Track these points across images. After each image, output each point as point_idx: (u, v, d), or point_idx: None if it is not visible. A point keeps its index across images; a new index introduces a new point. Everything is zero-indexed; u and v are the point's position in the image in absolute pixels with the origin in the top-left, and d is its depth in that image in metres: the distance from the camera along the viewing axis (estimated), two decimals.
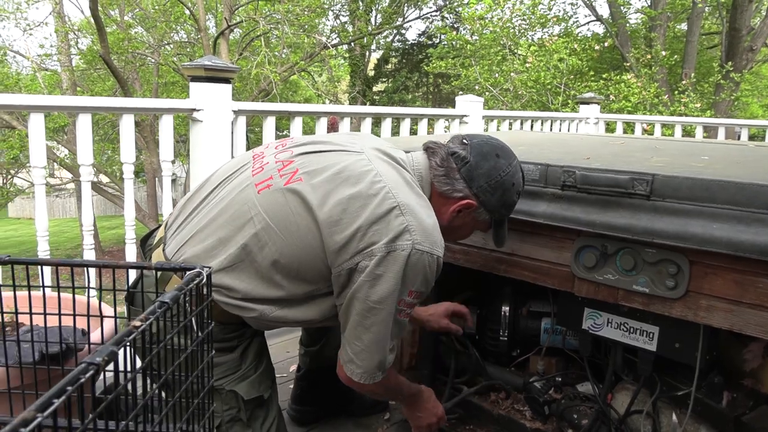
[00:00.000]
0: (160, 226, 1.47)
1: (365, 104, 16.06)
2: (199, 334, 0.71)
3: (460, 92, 8.87)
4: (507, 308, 1.93)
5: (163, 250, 1.33)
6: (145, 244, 1.48)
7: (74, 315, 1.09)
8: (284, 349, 2.48)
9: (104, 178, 13.72)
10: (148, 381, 0.82)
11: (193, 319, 0.70)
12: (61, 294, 1.36)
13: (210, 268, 0.73)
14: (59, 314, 1.13)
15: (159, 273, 1.26)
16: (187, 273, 0.68)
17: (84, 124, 2.11)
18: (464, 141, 1.38)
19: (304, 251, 1.22)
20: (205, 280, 0.69)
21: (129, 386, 0.73)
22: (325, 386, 1.89)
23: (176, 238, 1.32)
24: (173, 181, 16.59)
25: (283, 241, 1.22)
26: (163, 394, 0.84)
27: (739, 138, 5.29)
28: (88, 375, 0.43)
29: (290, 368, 2.28)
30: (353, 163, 1.28)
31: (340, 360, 1.34)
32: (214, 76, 2.42)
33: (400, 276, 1.20)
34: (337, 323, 1.34)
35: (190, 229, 1.30)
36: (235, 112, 2.53)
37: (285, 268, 1.24)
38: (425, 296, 1.32)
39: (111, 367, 0.64)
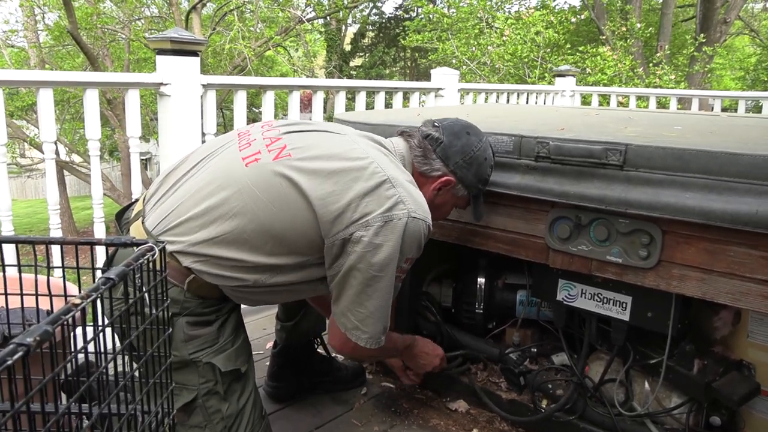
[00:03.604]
0: (137, 200, 1.45)
1: (341, 79, 15.85)
2: (153, 311, 0.68)
3: (438, 66, 8.81)
4: (482, 281, 1.93)
5: (143, 223, 1.31)
6: (121, 218, 1.46)
7: (36, 295, 1.05)
8: (260, 327, 2.46)
9: (77, 158, 13.42)
10: (127, 360, 0.80)
11: (146, 295, 0.67)
12: (24, 275, 1.31)
13: (164, 243, 0.70)
14: (21, 294, 1.09)
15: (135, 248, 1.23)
16: (138, 248, 0.65)
17: (45, 100, 2.03)
18: (435, 124, 1.46)
19: (296, 223, 1.23)
20: (157, 255, 0.66)
21: (91, 362, 0.70)
22: (302, 362, 1.88)
23: (157, 210, 1.30)
24: (148, 159, 16.38)
25: (273, 213, 1.22)
26: (137, 374, 0.82)
27: (712, 109, 5.34)
28: (16, 357, 0.40)
29: (266, 345, 2.26)
30: (339, 142, 1.33)
31: (338, 328, 1.33)
32: (182, 48, 2.34)
33: (399, 244, 1.23)
34: (320, 290, 1.36)
35: (173, 201, 1.29)
36: (204, 86, 2.47)
37: (275, 239, 1.23)
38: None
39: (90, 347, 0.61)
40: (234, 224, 1.22)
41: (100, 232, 2.24)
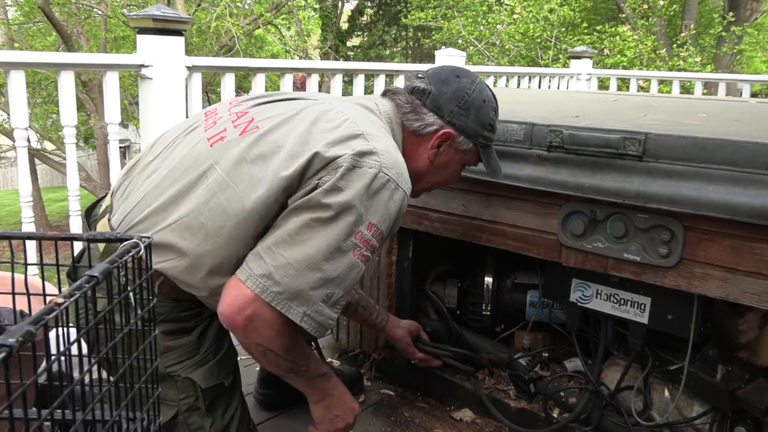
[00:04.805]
0: (106, 195, 1.44)
1: (338, 60, 15.85)
2: (139, 311, 0.69)
3: (443, 47, 8.79)
4: (490, 280, 1.94)
5: (109, 219, 1.30)
6: (90, 214, 1.44)
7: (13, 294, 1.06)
8: None
9: (49, 145, 13.42)
10: (95, 365, 0.81)
11: (131, 294, 0.68)
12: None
13: (150, 238, 0.71)
14: None
15: (104, 245, 1.24)
16: (123, 243, 0.66)
17: (17, 83, 2.04)
18: (419, 75, 1.41)
19: (261, 199, 1.15)
20: (143, 251, 0.67)
21: (72, 370, 0.72)
22: None
23: (123, 204, 1.29)
24: (127, 147, 16.36)
25: (234, 192, 1.17)
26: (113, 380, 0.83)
27: (741, 95, 5.34)
28: None
29: None
30: (312, 105, 1.28)
31: (236, 282, 1.14)
32: (165, 27, 2.35)
33: (363, 195, 1.14)
34: None
35: (138, 193, 1.27)
36: (189, 68, 2.47)
37: (233, 218, 1.16)
38: (385, 240, 1.27)
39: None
40: (191, 206, 1.18)
41: (76, 226, 2.25)
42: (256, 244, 1.17)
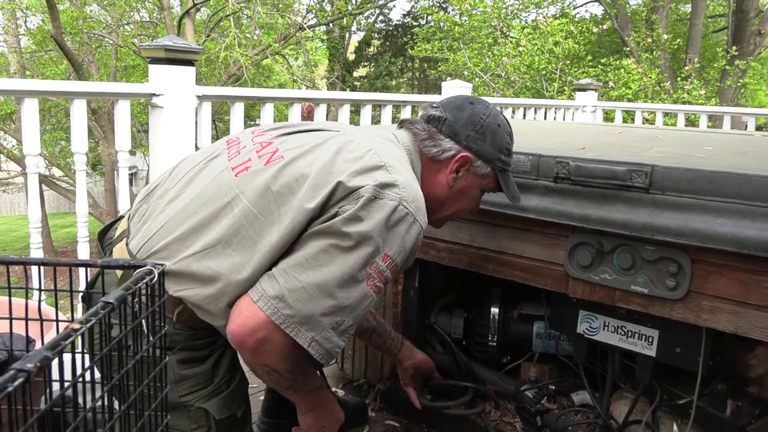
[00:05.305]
0: (121, 218, 1.45)
1: (344, 90, 16.03)
2: (151, 338, 0.70)
3: (448, 78, 8.89)
4: (496, 311, 1.94)
5: (127, 244, 1.30)
6: (104, 237, 1.44)
7: (13, 318, 1.06)
8: None
9: (57, 172, 13.52)
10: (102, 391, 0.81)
11: (143, 321, 0.69)
12: (4, 297, 1.33)
13: (163, 265, 0.72)
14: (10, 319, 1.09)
15: (121, 270, 1.23)
16: (137, 270, 0.67)
17: (30, 110, 2.07)
18: (434, 105, 1.45)
19: (286, 230, 1.17)
20: (156, 278, 0.68)
21: (77, 397, 0.72)
22: None
23: (143, 230, 1.29)
24: (134, 174, 16.49)
25: (262, 222, 1.18)
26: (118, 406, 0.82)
27: (746, 128, 5.37)
28: (17, 383, 0.42)
29: None
30: (335, 137, 1.30)
31: (247, 301, 1.14)
32: (176, 57, 2.39)
33: (382, 227, 1.16)
34: None
35: (160, 219, 1.27)
36: (199, 97, 2.51)
37: (261, 251, 1.18)
38: (398, 273, 1.26)
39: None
40: (217, 236, 1.18)
41: (83, 252, 2.26)
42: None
